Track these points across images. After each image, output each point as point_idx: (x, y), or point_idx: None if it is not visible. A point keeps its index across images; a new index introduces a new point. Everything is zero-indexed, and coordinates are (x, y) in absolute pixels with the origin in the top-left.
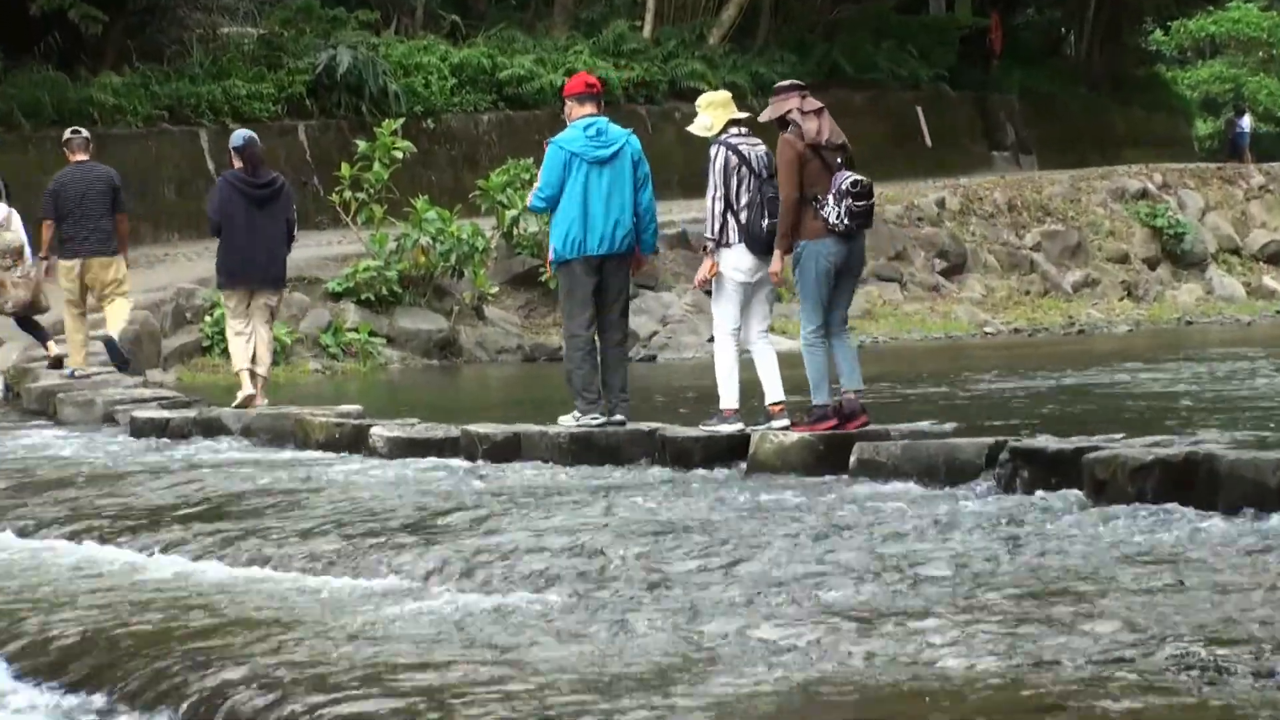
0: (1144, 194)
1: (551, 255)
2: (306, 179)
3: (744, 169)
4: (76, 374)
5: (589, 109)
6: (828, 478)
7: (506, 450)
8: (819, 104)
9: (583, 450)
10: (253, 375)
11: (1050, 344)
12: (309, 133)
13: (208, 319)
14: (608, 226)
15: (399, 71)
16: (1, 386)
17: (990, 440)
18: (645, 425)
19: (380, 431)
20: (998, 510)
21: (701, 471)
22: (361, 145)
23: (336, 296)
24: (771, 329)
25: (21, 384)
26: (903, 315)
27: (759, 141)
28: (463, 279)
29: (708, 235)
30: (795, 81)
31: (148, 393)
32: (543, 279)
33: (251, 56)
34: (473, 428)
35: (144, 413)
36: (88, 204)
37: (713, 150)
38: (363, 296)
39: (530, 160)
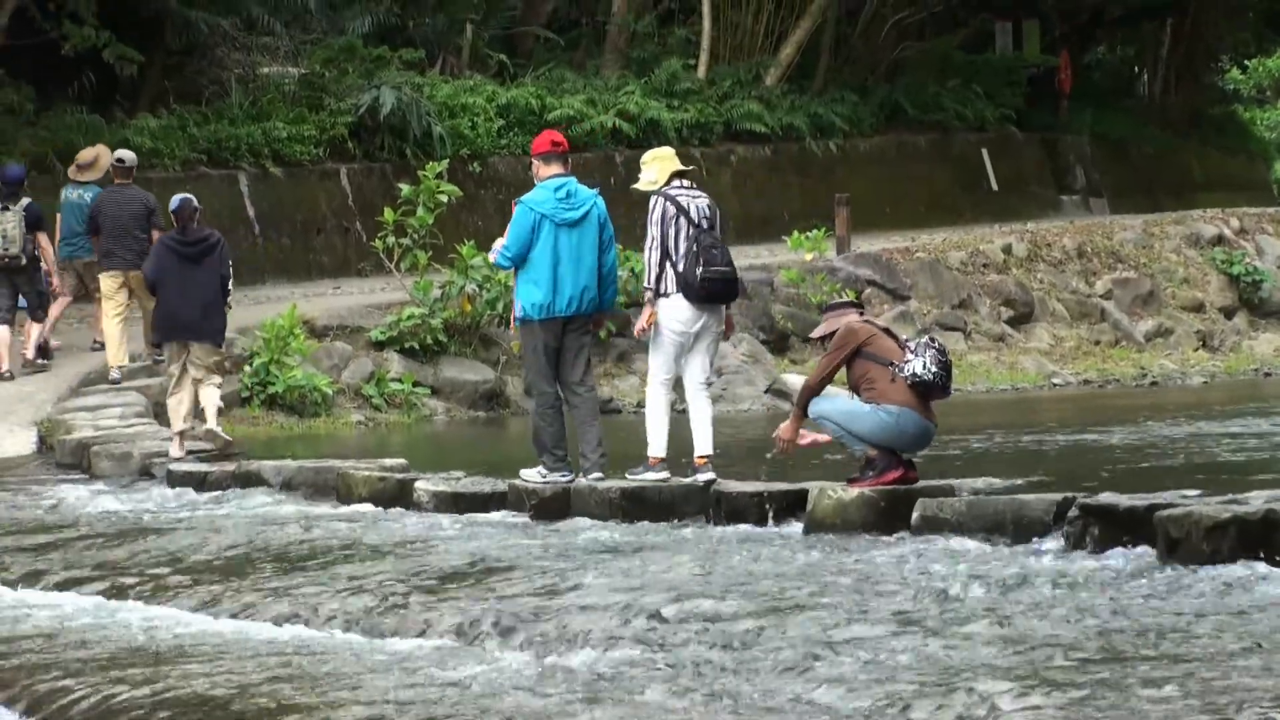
0: (1220, 239)
1: (517, 314)
2: (349, 224)
3: (682, 219)
4: (115, 376)
5: (556, 168)
6: (889, 535)
7: (556, 506)
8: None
9: (634, 506)
10: (183, 437)
11: (1122, 396)
12: (351, 176)
13: (246, 369)
14: (575, 289)
15: (444, 113)
16: (35, 438)
17: (1059, 496)
18: (699, 480)
19: (425, 486)
20: (1066, 570)
21: (758, 529)
22: (405, 189)
23: (380, 346)
24: (710, 384)
25: (55, 436)
26: (967, 366)
27: (701, 194)
28: (510, 328)
29: (646, 285)
30: (851, 300)
31: (185, 445)
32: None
33: (292, 97)
34: (519, 482)
35: (181, 466)
36: (123, 224)
37: (652, 201)
38: (406, 346)
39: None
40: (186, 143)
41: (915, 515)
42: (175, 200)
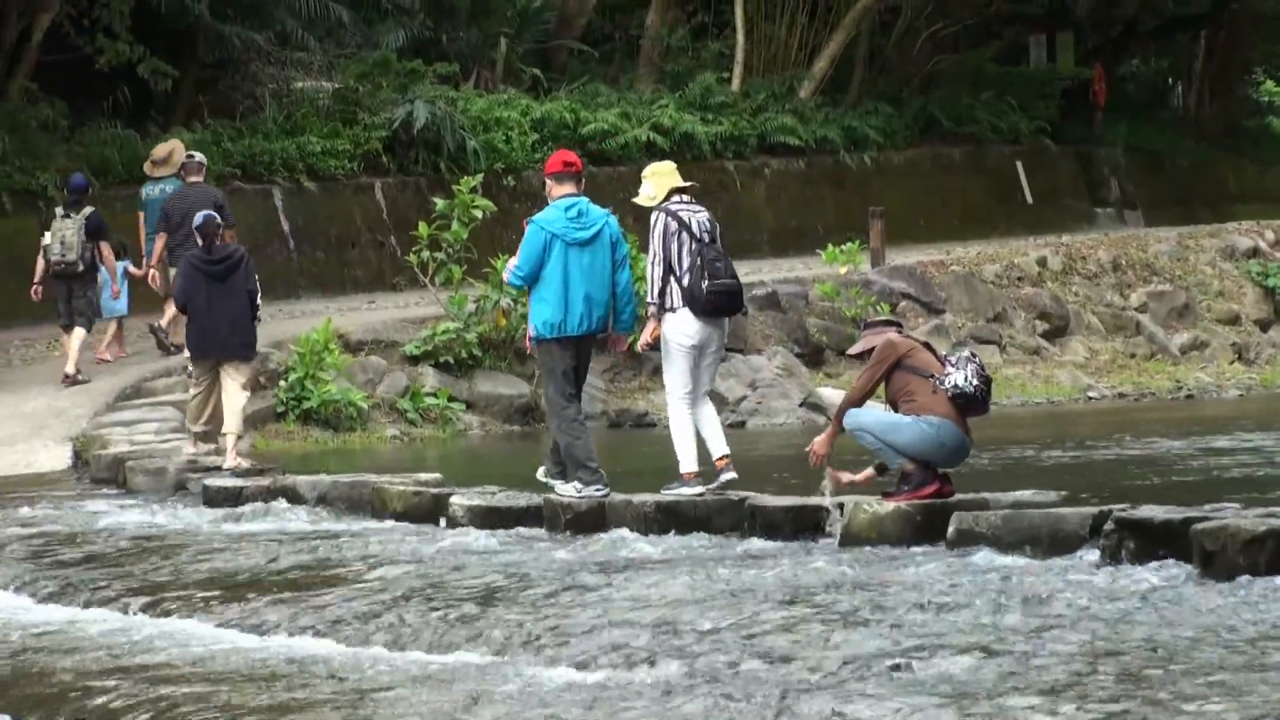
0: (1255, 252)
1: (531, 333)
2: (383, 239)
3: (684, 234)
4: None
5: (569, 188)
6: (924, 548)
7: (591, 520)
8: (922, 339)
9: (670, 520)
10: (206, 437)
11: (1157, 409)
12: (385, 190)
13: (282, 384)
14: (586, 307)
15: (478, 127)
16: (70, 453)
17: (1095, 510)
18: (735, 494)
19: (460, 500)
20: (1102, 583)
21: (793, 543)
22: (439, 203)
23: (414, 360)
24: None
25: (90, 451)
26: (1002, 380)
27: (701, 208)
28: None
29: (650, 300)
30: (890, 318)
31: (241, 466)
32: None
33: (326, 112)
34: (555, 496)
35: (216, 481)
36: (190, 220)
37: (654, 217)
38: (441, 360)
39: (615, 218)
40: (221, 157)
41: (950, 529)
42: (199, 218)
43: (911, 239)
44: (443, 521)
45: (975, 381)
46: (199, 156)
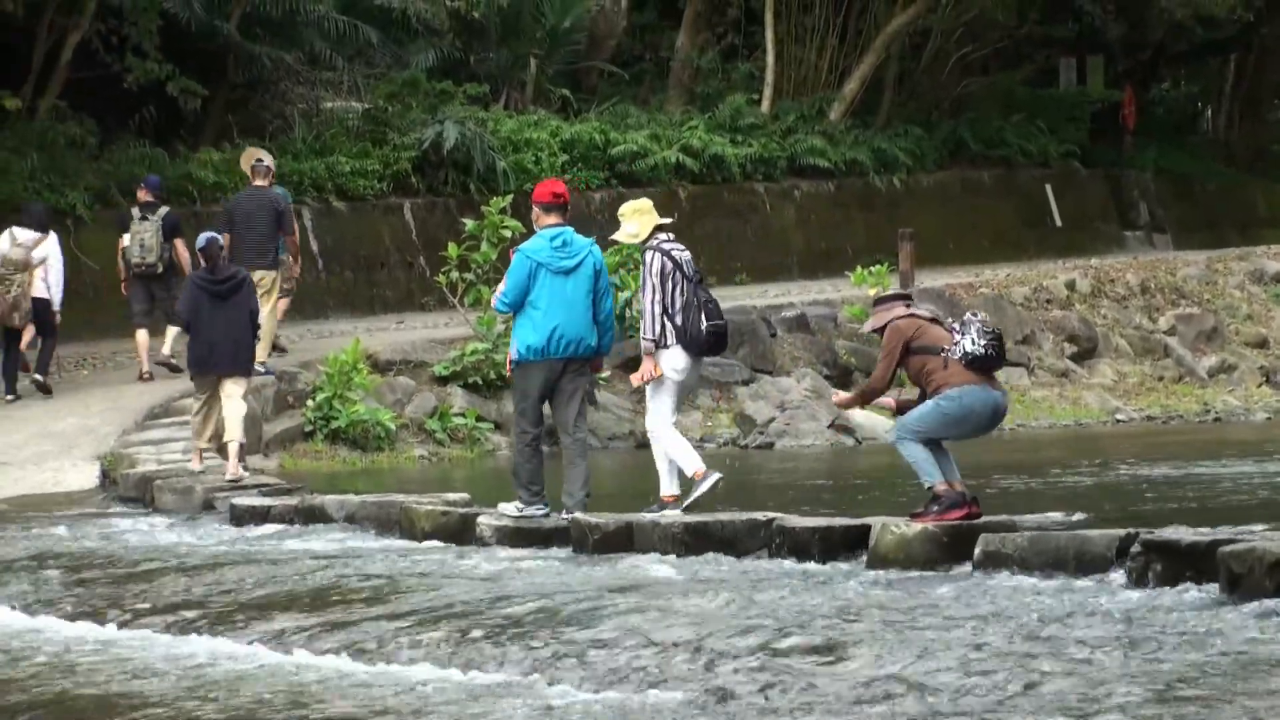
0: None
1: (513, 357)
2: (412, 259)
3: (678, 273)
4: (260, 369)
5: (554, 218)
6: (951, 570)
7: (618, 540)
8: (930, 313)
9: (697, 541)
10: (220, 449)
11: (1185, 431)
12: (415, 211)
13: (310, 404)
14: (569, 334)
15: (508, 147)
16: (99, 471)
17: (1121, 532)
18: (762, 515)
19: (488, 520)
20: (1128, 605)
21: (821, 564)
22: (469, 224)
23: (443, 380)
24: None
25: (118, 470)
26: (1030, 401)
27: (684, 247)
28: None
29: (647, 337)
30: (900, 291)
31: (248, 479)
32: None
33: (356, 132)
34: (582, 517)
35: (244, 500)
36: (253, 222)
37: (648, 256)
38: (470, 380)
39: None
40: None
41: (978, 551)
42: (202, 239)
43: (941, 261)
44: (471, 541)
45: (982, 342)
46: (267, 160)
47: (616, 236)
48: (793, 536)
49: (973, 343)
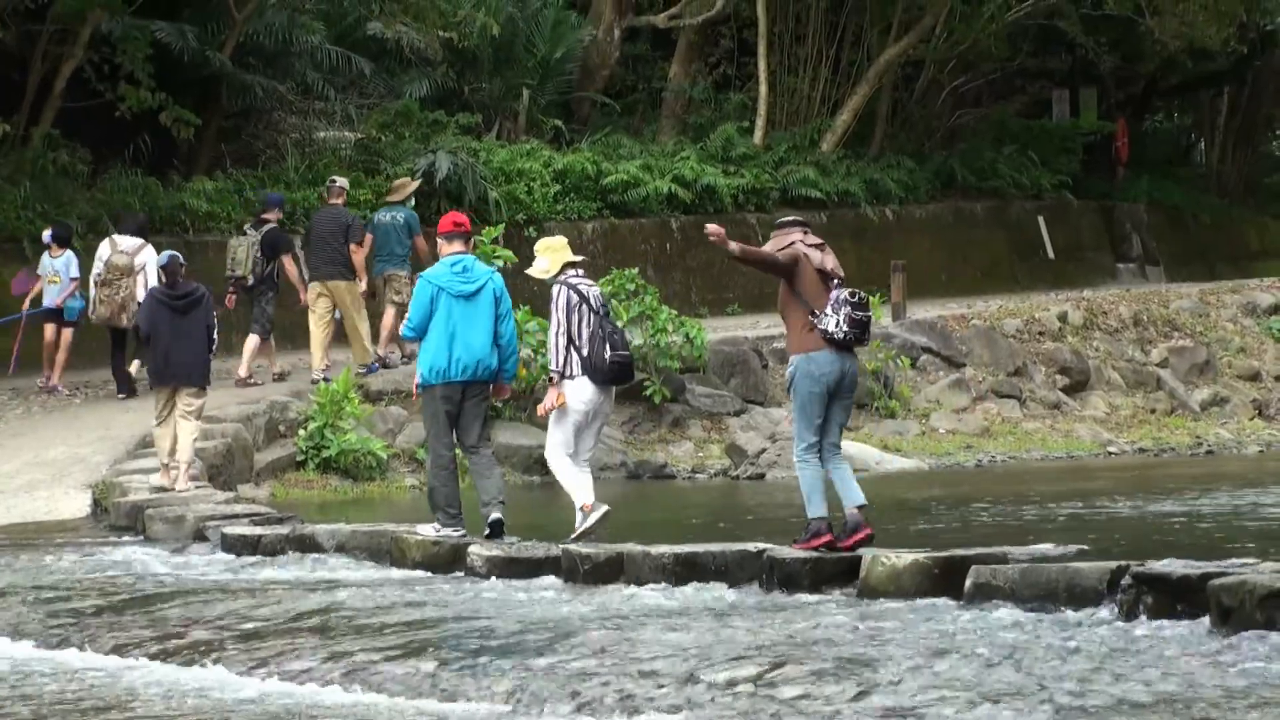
0: (1276, 309)
1: (418, 380)
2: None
3: (584, 307)
4: (316, 377)
5: (457, 246)
6: (941, 602)
7: (608, 570)
8: (819, 240)
9: (688, 571)
10: (167, 468)
11: (1177, 464)
12: None
13: (301, 433)
14: (469, 357)
15: (500, 178)
16: (90, 500)
17: (1112, 564)
18: (753, 546)
19: (479, 550)
20: (1119, 639)
21: (811, 595)
22: None
23: None
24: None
25: (109, 499)
26: (1022, 433)
27: (593, 283)
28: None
29: (553, 369)
30: (797, 218)
31: (240, 508)
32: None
33: (348, 161)
34: (573, 547)
35: (235, 529)
36: (325, 238)
37: (555, 290)
38: None
39: (636, 270)
40: (243, 206)
41: (968, 582)
42: (163, 256)
43: (933, 293)
44: (461, 571)
45: (845, 328)
46: (341, 181)
47: (529, 271)
48: (784, 567)
49: (836, 325)
